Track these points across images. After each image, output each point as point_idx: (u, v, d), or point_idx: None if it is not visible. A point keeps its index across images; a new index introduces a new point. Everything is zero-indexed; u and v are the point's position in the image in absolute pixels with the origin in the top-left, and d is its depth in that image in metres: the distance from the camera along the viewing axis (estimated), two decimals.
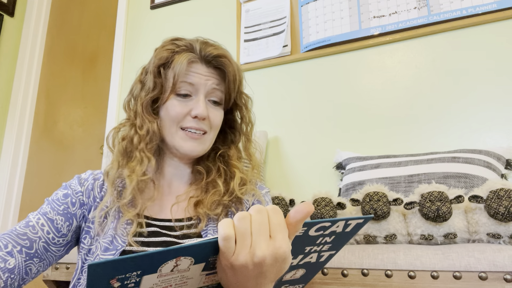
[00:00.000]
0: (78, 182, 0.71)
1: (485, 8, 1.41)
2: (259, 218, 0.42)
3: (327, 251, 0.51)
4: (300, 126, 1.65)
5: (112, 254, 0.63)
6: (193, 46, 0.73)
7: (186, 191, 0.75)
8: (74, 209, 0.68)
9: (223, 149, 0.79)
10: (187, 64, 0.71)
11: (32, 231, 0.63)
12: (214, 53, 0.73)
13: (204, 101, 0.72)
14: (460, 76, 1.43)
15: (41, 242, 0.64)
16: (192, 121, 0.71)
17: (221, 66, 0.74)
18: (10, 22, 2.39)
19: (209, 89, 0.72)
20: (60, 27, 2.57)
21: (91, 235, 0.67)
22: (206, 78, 0.72)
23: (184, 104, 0.72)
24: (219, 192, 0.72)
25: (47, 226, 0.65)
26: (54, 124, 2.42)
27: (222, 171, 0.76)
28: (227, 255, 0.41)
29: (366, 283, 0.85)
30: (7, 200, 2.21)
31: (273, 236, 0.42)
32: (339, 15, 1.66)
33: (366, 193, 1.04)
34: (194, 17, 2.03)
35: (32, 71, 2.43)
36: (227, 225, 0.41)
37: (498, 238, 0.87)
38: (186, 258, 0.39)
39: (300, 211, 0.42)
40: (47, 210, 0.67)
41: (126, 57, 2.16)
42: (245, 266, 0.41)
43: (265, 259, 0.41)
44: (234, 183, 0.73)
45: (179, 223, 0.70)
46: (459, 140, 1.37)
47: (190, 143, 0.71)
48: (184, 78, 0.71)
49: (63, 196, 0.69)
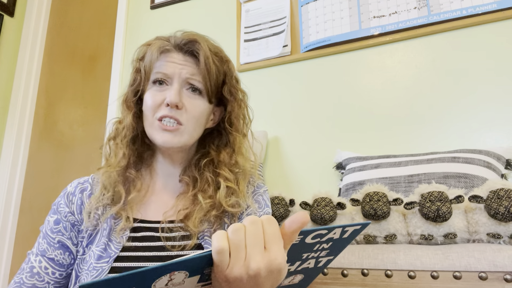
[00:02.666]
0: (65, 202, 0.70)
1: (485, 8, 1.41)
2: (253, 229, 0.41)
3: (325, 256, 0.50)
4: (300, 126, 1.65)
5: (106, 261, 0.63)
6: (168, 37, 0.73)
7: (175, 204, 0.72)
8: (68, 234, 0.67)
9: (214, 154, 0.75)
10: (158, 53, 0.71)
11: (38, 280, 0.64)
12: (185, 39, 0.71)
13: (178, 89, 0.69)
14: (460, 76, 1.43)
15: (51, 286, 0.65)
16: (166, 110, 0.68)
17: (195, 51, 0.71)
18: (10, 22, 2.39)
19: (184, 77, 0.70)
20: (60, 27, 2.57)
21: (83, 244, 0.67)
22: (181, 66, 0.70)
23: (160, 93, 0.70)
24: (202, 209, 0.68)
25: (50, 268, 0.65)
26: (54, 124, 2.42)
27: (210, 181, 0.72)
28: (222, 268, 0.40)
29: (366, 283, 0.85)
30: (7, 200, 2.21)
31: (268, 248, 0.41)
32: (339, 15, 1.66)
33: (366, 193, 1.03)
34: (194, 17, 2.03)
35: (32, 71, 2.43)
36: (221, 238, 0.40)
37: (498, 238, 0.87)
38: (180, 272, 0.39)
39: (296, 221, 0.41)
40: (44, 248, 0.66)
41: (126, 57, 2.16)
42: (239, 279, 0.41)
43: (260, 271, 0.40)
44: (220, 195, 0.69)
45: (170, 224, 0.69)
46: (459, 140, 1.37)
47: (164, 134, 0.68)
48: (159, 67, 0.70)
49: (54, 223, 0.68)
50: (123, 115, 0.74)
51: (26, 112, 2.37)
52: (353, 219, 1.08)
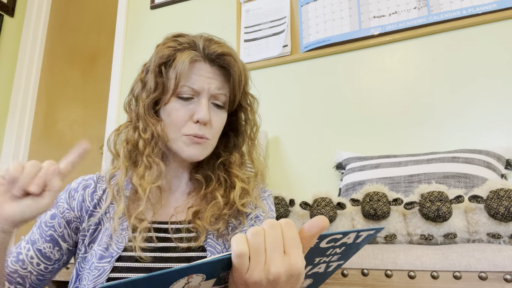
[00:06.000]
0: (66, 198, 0.69)
1: (485, 8, 1.41)
2: (273, 233, 0.41)
3: (336, 261, 0.50)
4: (300, 126, 1.65)
5: (108, 261, 0.62)
6: (196, 43, 0.69)
7: (184, 202, 0.71)
8: (61, 231, 0.67)
9: (225, 156, 0.74)
10: (189, 64, 0.66)
11: (21, 267, 0.64)
12: (218, 51, 0.68)
13: (207, 105, 0.67)
14: (460, 76, 1.43)
15: (33, 276, 0.65)
16: (194, 127, 0.67)
17: (226, 65, 0.69)
18: (10, 22, 2.39)
19: (212, 92, 0.68)
20: (60, 27, 2.57)
21: (85, 243, 0.67)
22: (209, 80, 0.68)
23: (186, 107, 0.67)
24: (218, 205, 0.68)
25: (36, 259, 0.65)
26: (54, 124, 2.42)
27: (222, 180, 0.71)
28: (241, 271, 0.40)
29: (366, 283, 0.85)
30: None
31: (287, 252, 0.40)
32: (339, 15, 1.66)
33: (366, 193, 1.03)
34: (194, 17, 2.03)
35: (32, 71, 2.43)
36: (240, 241, 0.40)
37: (498, 238, 0.87)
38: (198, 275, 0.39)
39: (316, 225, 0.40)
40: (36, 238, 0.66)
41: (126, 57, 2.16)
42: (259, 284, 0.40)
43: (280, 276, 0.40)
44: (235, 194, 0.69)
45: (177, 225, 0.68)
46: (459, 140, 1.37)
47: (193, 147, 0.67)
48: (186, 79, 0.67)
49: (50, 218, 0.67)
50: (146, 123, 0.68)
51: (26, 112, 2.37)
52: (353, 219, 1.08)
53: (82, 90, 2.42)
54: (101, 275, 0.61)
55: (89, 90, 2.39)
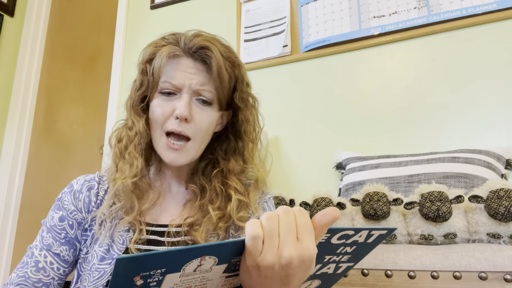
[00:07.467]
0: (71, 199, 0.68)
1: (485, 8, 1.41)
2: (286, 219, 0.42)
3: (346, 262, 0.50)
4: (300, 126, 1.65)
5: (108, 263, 0.62)
6: (179, 39, 0.67)
7: (181, 212, 0.70)
8: (73, 232, 0.66)
9: (223, 164, 0.72)
10: (167, 59, 0.66)
11: (44, 275, 0.63)
12: (198, 44, 0.66)
13: (187, 100, 0.65)
14: (460, 76, 1.43)
15: (55, 282, 0.64)
16: (175, 123, 0.65)
17: (206, 59, 0.66)
18: (10, 22, 2.39)
19: (194, 88, 0.66)
20: (60, 27, 2.57)
21: (87, 243, 0.66)
22: (191, 75, 0.66)
23: (168, 103, 0.66)
24: (211, 220, 0.66)
25: (56, 264, 0.64)
26: (54, 124, 2.42)
27: (218, 191, 0.69)
28: (254, 254, 0.41)
29: (366, 283, 0.85)
30: (7, 200, 2.21)
31: (300, 238, 0.41)
32: (339, 15, 1.66)
33: (366, 193, 1.03)
34: (194, 17, 2.03)
35: (32, 71, 2.43)
36: (255, 225, 0.41)
37: (498, 238, 0.87)
38: (211, 258, 0.39)
39: (327, 215, 0.41)
40: (50, 242, 0.65)
41: (126, 57, 2.16)
42: (271, 267, 0.41)
43: (293, 260, 0.40)
44: (231, 208, 0.67)
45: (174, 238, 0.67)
46: (459, 140, 1.37)
47: (170, 153, 0.66)
48: (167, 75, 0.66)
49: (59, 220, 0.66)
50: (132, 121, 0.70)
51: (26, 112, 2.37)
52: (353, 219, 1.08)
53: (82, 90, 2.42)
54: (101, 277, 0.61)
55: (89, 90, 2.40)
